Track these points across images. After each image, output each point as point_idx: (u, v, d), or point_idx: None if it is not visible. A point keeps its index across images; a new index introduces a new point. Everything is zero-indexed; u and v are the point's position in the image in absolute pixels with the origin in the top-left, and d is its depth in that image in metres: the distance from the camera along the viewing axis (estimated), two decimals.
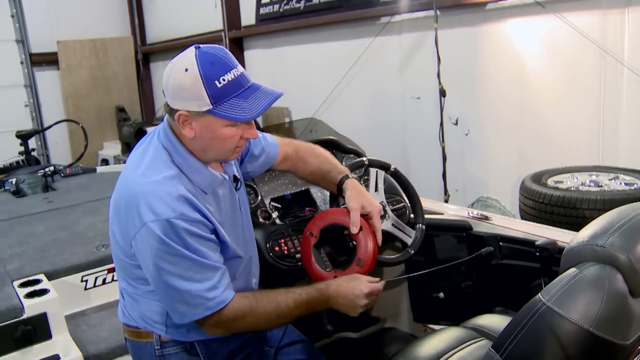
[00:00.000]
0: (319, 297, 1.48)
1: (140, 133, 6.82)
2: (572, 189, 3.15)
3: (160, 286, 1.37)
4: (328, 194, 1.91)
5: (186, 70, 1.30)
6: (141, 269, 1.39)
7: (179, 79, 1.31)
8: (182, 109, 1.33)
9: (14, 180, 3.73)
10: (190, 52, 1.33)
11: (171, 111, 1.37)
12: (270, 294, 1.45)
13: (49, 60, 7.82)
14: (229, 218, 1.50)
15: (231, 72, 1.33)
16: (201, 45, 1.35)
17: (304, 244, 1.66)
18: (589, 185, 3.20)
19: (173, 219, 1.31)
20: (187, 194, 1.35)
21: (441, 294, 2.30)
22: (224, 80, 1.31)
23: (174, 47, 7.80)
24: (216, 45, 1.38)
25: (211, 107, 1.31)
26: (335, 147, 2.28)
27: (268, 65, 6.27)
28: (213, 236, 1.40)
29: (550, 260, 1.79)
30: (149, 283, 1.40)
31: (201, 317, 1.37)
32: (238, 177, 1.59)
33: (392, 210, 1.97)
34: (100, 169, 4.39)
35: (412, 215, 2.01)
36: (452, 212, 2.34)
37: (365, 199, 1.63)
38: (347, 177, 1.69)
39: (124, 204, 1.37)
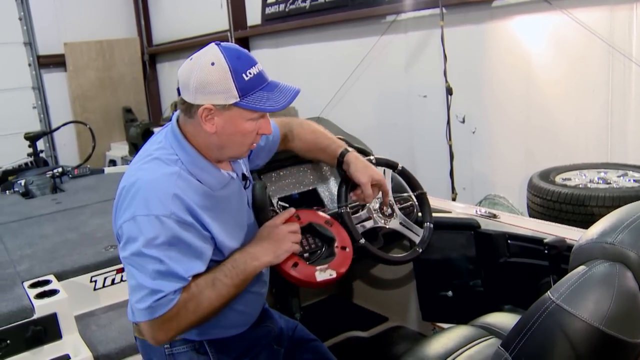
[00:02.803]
0: (241, 258, 1.42)
1: (147, 134, 6.83)
2: (581, 186, 3.13)
3: (128, 275, 1.34)
4: (336, 192, 1.90)
5: (212, 64, 1.31)
6: None
7: (204, 73, 1.31)
8: (206, 103, 1.33)
9: (22, 182, 3.77)
10: (213, 47, 1.34)
11: (189, 108, 1.36)
12: (207, 280, 1.36)
13: (56, 62, 7.86)
14: (233, 217, 1.49)
15: (255, 66, 1.35)
16: (221, 43, 1.36)
17: None
18: (598, 183, 3.18)
19: (163, 216, 1.30)
20: (182, 195, 1.33)
21: (450, 293, 2.29)
22: (250, 73, 1.33)
23: (180, 48, 7.82)
24: (233, 43, 1.40)
25: (238, 99, 1.32)
26: None
27: (274, 64, 6.27)
28: (200, 243, 1.35)
29: (559, 258, 1.79)
30: None
31: (143, 320, 1.31)
32: (247, 175, 1.59)
33: (400, 209, 1.97)
34: (108, 169, 4.42)
35: (419, 214, 2.01)
36: (460, 210, 2.34)
37: (371, 169, 1.71)
38: (346, 150, 1.74)
39: (123, 194, 1.37)
